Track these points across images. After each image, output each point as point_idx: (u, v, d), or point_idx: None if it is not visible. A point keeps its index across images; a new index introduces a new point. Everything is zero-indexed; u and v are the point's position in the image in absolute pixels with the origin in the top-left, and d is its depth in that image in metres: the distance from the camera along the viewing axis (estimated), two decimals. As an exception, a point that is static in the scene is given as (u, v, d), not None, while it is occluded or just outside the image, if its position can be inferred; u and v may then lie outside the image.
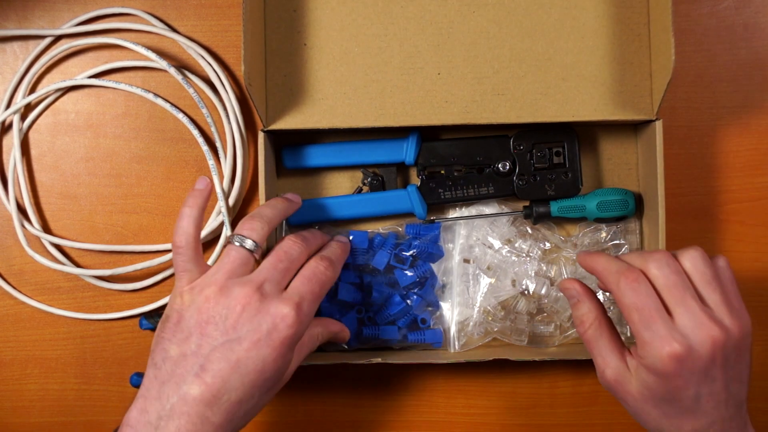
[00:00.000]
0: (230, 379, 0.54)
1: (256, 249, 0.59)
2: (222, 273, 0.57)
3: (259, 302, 0.55)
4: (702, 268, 0.55)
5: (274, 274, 0.58)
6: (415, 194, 0.70)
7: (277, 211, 0.62)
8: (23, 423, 0.74)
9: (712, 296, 0.54)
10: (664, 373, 0.53)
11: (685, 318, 0.53)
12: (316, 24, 0.68)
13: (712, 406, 0.53)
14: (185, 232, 0.59)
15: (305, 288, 0.58)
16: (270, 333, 0.55)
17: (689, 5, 0.73)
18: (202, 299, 0.56)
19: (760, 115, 0.74)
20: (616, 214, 0.69)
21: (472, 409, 0.75)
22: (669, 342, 0.52)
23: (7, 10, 0.74)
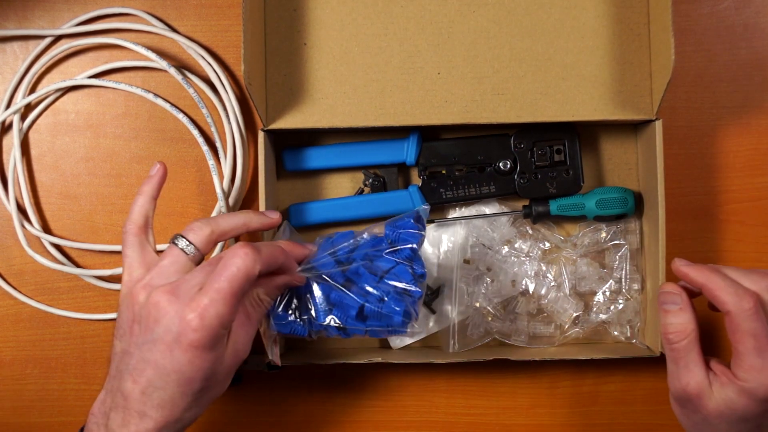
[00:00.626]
0: (153, 378, 0.54)
1: (195, 253, 0.57)
2: (154, 271, 0.57)
3: (169, 305, 0.54)
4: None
5: (198, 276, 0.55)
6: (417, 194, 0.70)
7: (233, 222, 0.60)
8: (23, 423, 0.74)
9: None
10: (764, 399, 0.54)
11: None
12: (316, 23, 0.68)
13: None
14: (131, 218, 0.60)
15: (212, 286, 0.53)
16: (178, 337, 0.53)
17: (689, 5, 0.73)
18: (131, 297, 0.56)
19: (760, 115, 0.74)
20: (616, 212, 0.69)
21: (472, 409, 0.75)
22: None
23: (7, 10, 0.74)
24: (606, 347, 0.71)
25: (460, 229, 0.72)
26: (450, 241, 0.72)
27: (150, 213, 0.61)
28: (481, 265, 0.71)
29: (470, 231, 0.72)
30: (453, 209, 0.73)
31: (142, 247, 0.59)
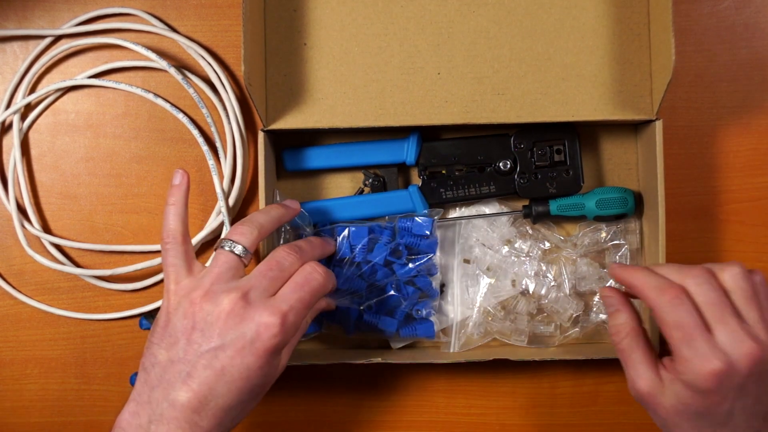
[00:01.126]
0: (216, 386, 0.54)
1: (246, 255, 0.58)
2: (209, 277, 0.57)
3: (244, 309, 0.55)
4: (742, 285, 0.55)
5: (263, 281, 0.57)
6: (417, 194, 0.70)
7: (270, 217, 0.62)
8: (23, 423, 0.74)
9: (750, 313, 0.54)
10: (704, 390, 0.53)
11: (724, 335, 0.53)
12: (316, 23, 0.68)
13: (744, 419, 0.54)
14: (170, 228, 0.59)
15: (294, 295, 0.57)
16: (254, 341, 0.54)
17: (689, 5, 0.73)
18: (187, 303, 0.56)
19: (760, 115, 0.74)
20: (616, 212, 0.69)
21: (472, 409, 0.75)
22: (710, 360, 0.52)
23: (7, 10, 0.74)
24: (606, 347, 0.71)
25: (460, 228, 0.72)
26: (450, 241, 0.72)
27: (186, 220, 0.60)
28: (481, 265, 0.71)
29: (470, 231, 0.72)
30: (454, 209, 0.73)
31: (187, 255, 0.59)
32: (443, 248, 0.72)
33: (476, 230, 0.72)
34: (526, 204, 0.71)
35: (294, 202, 0.66)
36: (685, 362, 0.53)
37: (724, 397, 0.53)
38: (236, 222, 0.61)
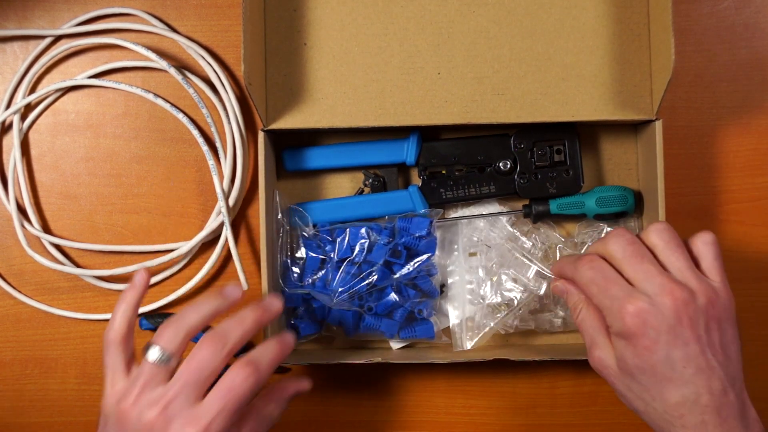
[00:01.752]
0: None
1: (168, 359, 0.56)
2: (136, 386, 0.55)
3: (165, 424, 0.54)
4: (665, 237, 0.56)
5: (185, 388, 0.55)
6: (417, 194, 0.70)
7: (202, 314, 0.58)
8: (23, 423, 0.74)
9: (675, 262, 0.55)
10: (629, 333, 0.53)
11: (644, 283, 0.54)
12: (316, 23, 0.68)
13: (692, 372, 0.53)
14: (113, 328, 0.58)
15: (217, 404, 0.54)
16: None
17: (689, 5, 0.73)
18: (119, 411, 0.55)
19: (760, 115, 0.74)
20: (616, 210, 0.69)
21: (472, 409, 0.75)
22: (627, 300, 0.53)
23: (7, 10, 0.74)
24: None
25: (462, 227, 0.72)
26: (449, 241, 0.72)
27: (133, 321, 0.59)
28: (484, 260, 0.71)
29: (471, 231, 0.72)
30: (454, 209, 0.73)
31: (125, 356, 0.58)
32: (443, 248, 0.72)
33: (477, 232, 0.72)
34: (526, 203, 0.71)
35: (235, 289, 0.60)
36: (608, 312, 0.55)
37: (655, 342, 0.53)
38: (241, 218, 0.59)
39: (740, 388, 0.55)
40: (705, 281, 0.55)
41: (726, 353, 0.54)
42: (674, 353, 0.53)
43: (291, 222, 0.70)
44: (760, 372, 0.74)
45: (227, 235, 0.70)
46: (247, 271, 0.72)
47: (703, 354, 0.53)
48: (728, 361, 0.54)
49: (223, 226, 0.71)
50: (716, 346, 0.54)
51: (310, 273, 0.70)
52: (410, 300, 0.69)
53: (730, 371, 0.54)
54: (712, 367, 0.53)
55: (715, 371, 0.53)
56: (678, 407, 0.53)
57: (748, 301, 0.73)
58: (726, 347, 0.55)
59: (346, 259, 0.69)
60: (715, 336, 0.54)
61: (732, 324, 0.55)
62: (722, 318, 0.54)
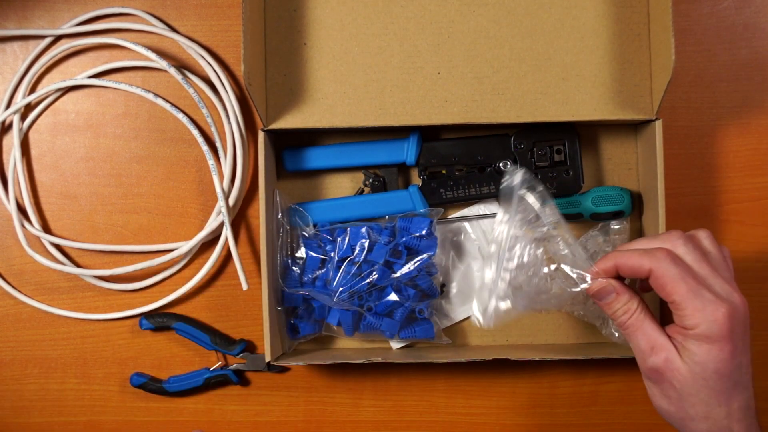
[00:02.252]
0: None
1: None
2: None
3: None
4: (713, 249, 0.57)
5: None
6: (417, 194, 0.70)
7: None
8: (23, 423, 0.74)
9: (725, 272, 0.57)
10: (720, 336, 0.54)
11: (719, 287, 0.55)
12: (315, 23, 0.68)
13: (748, 378, 0.55)
14: None
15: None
16: None
17: (689, 5, 0.73)
18: None
19: (760, 115, 0.74)
20: (612, 209, 0.69)
21: (472, 409, 0.75)
22: (721, 303, 0.54)
23: (7, 10, 0.74)
24: (606, 347, 0.71)
25: (464, 227, 0.72)
26: (449, 241, 0.72)
27: None
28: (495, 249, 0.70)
29: (472, 230, 0.72)
30: (455, 209, 0.73)
31: None
32: (444, 247, 0.72)
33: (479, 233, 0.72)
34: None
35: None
36: (697, 312, 0.54)
37: (736, 346, 0.54)
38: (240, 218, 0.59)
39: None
40: (739, 295, 0.56)
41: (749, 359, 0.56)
42: (744, 359, 0.55)
43: (291, 222, 0.70)
44: (761, 372, 0.73)
45: (227, 235, 0.70)
46: (247, 271, 0.72)
47: (751, 362, 0.55)
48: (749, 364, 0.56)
49: (223, 226, 0.71)
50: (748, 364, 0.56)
51: (310, 273, 0.70)
52: (410, 300, 0.69)
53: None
54: (752, 373, 0.56)
55: (752, 378, 0.55)
56: (739, 412, 0.55)
57: (749, 302, 0.73)
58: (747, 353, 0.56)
59: (347, 258, 0.69)
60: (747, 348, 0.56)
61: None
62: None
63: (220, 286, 0.74)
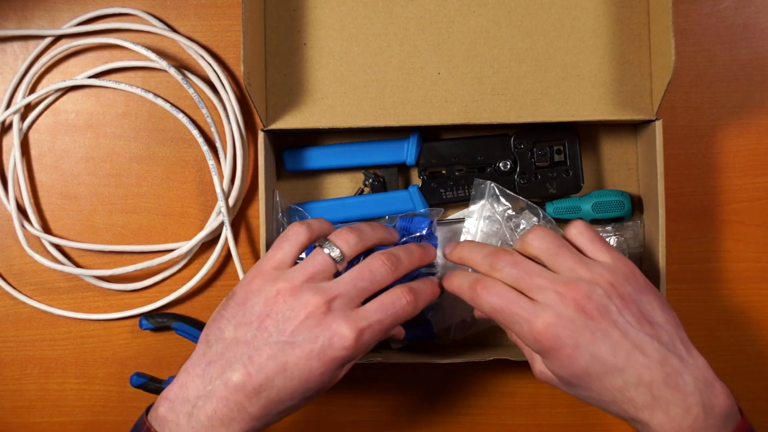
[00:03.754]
0: (275, 378, 0.54)
1: (341, 261, 0.58)
2: (300, 273, 0.56)
3: (323, 315, 0.54)
4: (544, 244, 0.57)
5: (350, 290, 0.56)
6: (417, 195, 0.70)
7: (377, 235, 0.61)
8: (23, 423, 0.74)
9: (562, 264, 0.56)
10: (548, 349, 0.53)
11: (541, 296, 0.54)
12: (315, 23, 0.68)
13: (623, 357, 0.53)
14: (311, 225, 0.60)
15: (377, 315, 0.56)
16: (324, 349, 0.54)
17: (689, 5, 0.73)
18: (272, 291, 0.55)
19: (760, 115, 0.74)
20: (612, 215, 0.69)
21: (472, 409, 0.75)
22: (533, 319, 0.53)
23: (7, 10, 0.74)
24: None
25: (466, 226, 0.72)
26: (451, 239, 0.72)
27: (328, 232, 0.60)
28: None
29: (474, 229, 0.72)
30: (453, 210, 0.73)
31: (301, 248, 0.59)
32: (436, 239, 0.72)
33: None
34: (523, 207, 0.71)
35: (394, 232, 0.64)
36: (523, 336, 0.55)
37: (575, 347, 0.53)
38: (240, 218, 0.60)
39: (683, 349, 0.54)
40: (597, 266, 0.55)
41: (651, 321, 0.54)
42: (598, 349, 0.53)
43: (291, 222, 0.70)
44: (762, 372, 0.74)
45: (227, 235, 0.70)
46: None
47: (626, 336, 0.53)
48: (657, 328, 0.54)
49: (223, 226, 0.71)
50: (637, 320, 0.54)
51: None
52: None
53: (663, 338, 0.54)
54: (641, 342, 0.53)
55: (645, 345, 0.53)
56: (624, 393, 0.53)
57: (749, 302, 0.73)
58: (648, 316, 0.54)
59: None
60: (632, 311, 0.54)
61: (644, 291, 0.56)
62: (630, 291, 0.55)
63: (220, 286, 0.74)
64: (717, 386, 0.53)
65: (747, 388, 0.56)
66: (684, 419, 0.52)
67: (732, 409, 0.53)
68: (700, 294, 0.73)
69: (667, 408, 0.52)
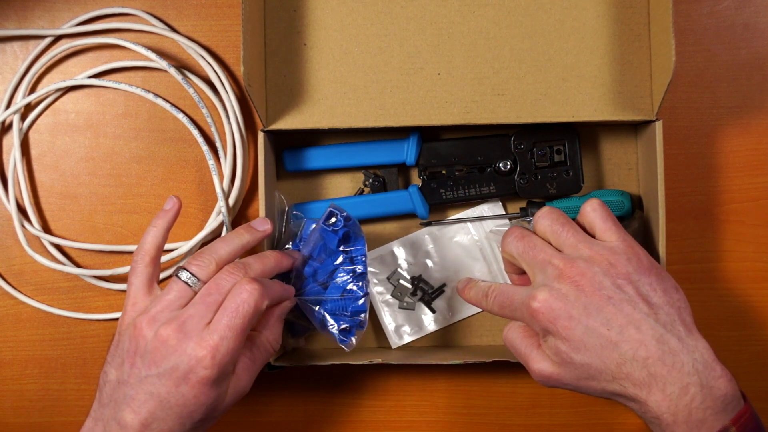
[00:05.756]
0: (156, 411, 0.55)
1: (197, 283, 0.58)
2: (158, 305, 0.58)
3: (177, 341, 0.55)
4: (549, 221, 0.59)
5: (201, 308, 0.56)
6: (417, 195, 0.70)
7: (233, 247, 0.61)
8: (23, 423, 0.74)
9: (565, 240, 0.58)
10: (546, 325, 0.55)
11: (540, 275, 0.57)
12: (316, 24, 0.68)
13: (617, 331, 0.53)
14: (143, 248, 0.61)
15: (224, 321, 0.56)
16: (187, 374, 0.55)
17: (689, 5, 0.73)
18: (133, 327, 0.57)
19: (760, 115, 0.74)
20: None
21: (472, 409, 0.75)
22: (530, 299, 0.55)
23: (7, 10, 0.74)
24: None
25: (467, 227, 0.72)
26: (452, 240, 0.72)
27: (162, 245, 0.61)
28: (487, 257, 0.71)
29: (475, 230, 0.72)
30: (453, 210, 0.73)
31: (150, 278, 0.60)
32: (444, 248, 0.72)
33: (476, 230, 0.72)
34: (523, 206, 0.71)
35: (265, 222, 0.64)
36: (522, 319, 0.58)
37: (569, 318, 0.54)
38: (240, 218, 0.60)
39: (684, 330, 0.54)
40: (599, 246, 0.56)
41: (649, 302, 0.55)
42: (592, 322, 0.54)
43: (291, 222, 0.70)
44: (762, 372, 0.74)
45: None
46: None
47: (620, 311, 0.54)
48: (655, 308, 0.55)
49: (223, 226, 0.71)
50: (635, 299, 0.54)
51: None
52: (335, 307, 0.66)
53: (661, 318, 0.54)
54: (636, 319, 0.54)
55: (641, 322, 0.53)
56: (621, 368, 0.53)
57: (749, 302, 0.73)
58: (647, 296, 0.55)
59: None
60: (629, 290, 0.55)
61: (646, 272, 0.56)
62: (629, 271, 0.55)
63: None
64: (717, 369, 0.53)
65: (747, 388, 0.56)
66: (680, 398, 0.52)
67: (733, 393, 0.53)
68: (700, 294, 0.73)
69: (664, 386, 0.52)
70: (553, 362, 0.56)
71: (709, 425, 0.52)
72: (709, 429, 0.52)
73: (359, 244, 0.66)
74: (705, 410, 0.52)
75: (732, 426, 0.52)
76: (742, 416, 0.53)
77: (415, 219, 0.72)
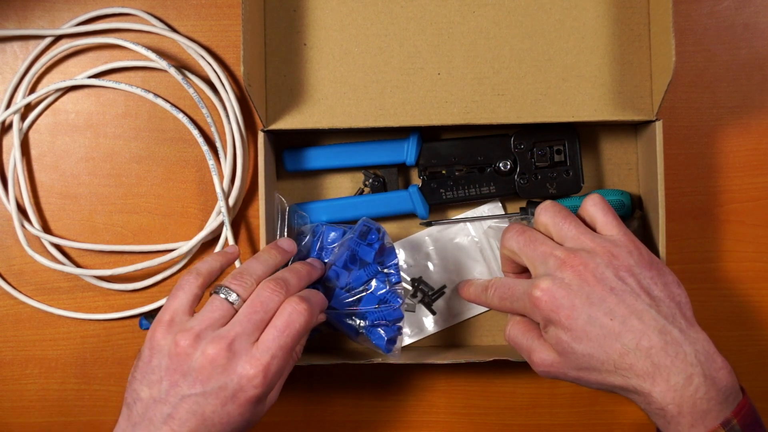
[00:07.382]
0: (198, 429, 0.54)
1: (239, 302, 0.58)
2: (198, 322, 0.56)
3: (227, 360, 0.55)
4: (550, 214, 0.59)
5: (247, 326, 0.56)
6: (417, 195, 0.70)
7: (267, 267, 0.61)
8: (23, 423, 0.74)
9: (567, 233, 0.58)
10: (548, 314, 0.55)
11: (542, 266, 0.57)
12: (316, 24, 0.68)
13: (620, 321, 0.53)
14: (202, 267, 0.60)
15: (276, 342, 0.56)
16: (236, 393, 0.55)
17: (689, 5, 0.73)
18: (173, 344, 0.56)
19: (760, 115, 0.74)
20: None
21: (472, 409, 0.75)
22: (531, 289, 0.56)
23: (7, 10, 0.74)
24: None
25: (467, 228, 0.72)
26: (452, 241, 0.72)
27: (214, 278, 0.61)
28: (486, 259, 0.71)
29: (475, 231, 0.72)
30: (454, 209, 0.73)
31: (195, 300, 0.59)
32: (444, 248, 0.72)
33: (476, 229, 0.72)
34: (523, 206, 0.71)
35: (291, 242, 0.65)
36: (524, 311, 0.58)
37: (571, 308, 0.54)
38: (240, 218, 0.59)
39: (685, 323, 0.55)
40: (600, 238, 0.57)
41: (650, 294, 0.55)
42: (594, 312, 0.54)
43: (291, 222, 0.70)
44: (762, 372, 0.74)
45: (227, 235, 0.70)
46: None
47: (623, 302, 0.54)
48: (657, 301, 0.55)
49: (223, 226, 0.71)
50: (637, 290, 0.55)
51: None
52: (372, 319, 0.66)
53: (663, 310, 0.55)
54: (639, 310, 0.54)
55: (643, 313, 0.54)
56: (624, 358, 0.53)
57: (749, 302, 0.73)
58: (648, 289, 0.55)
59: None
60: (631, 282, 0.55)
61: (647, 266, 0.56)
62: (631, 264, 0.56)
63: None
64: (718, 360, 0.54)
65: (747, 388, 0.56)
66: (685, 389, 0.52)
67: (733, 385, 0.53)
68: (700, 294, 0.73)
69: (668, 376, 0.52)
70: (554, 352, 0.57)
71: (713, 416, 0.52)
72: (713, 420, 0.52)
73: (393, 255, 0.66)
74: (709, 401, 0.52)
75: (734, 418, 0.52)
76: (742, 408, 0.53)
77: (415, 219, 0.72)
